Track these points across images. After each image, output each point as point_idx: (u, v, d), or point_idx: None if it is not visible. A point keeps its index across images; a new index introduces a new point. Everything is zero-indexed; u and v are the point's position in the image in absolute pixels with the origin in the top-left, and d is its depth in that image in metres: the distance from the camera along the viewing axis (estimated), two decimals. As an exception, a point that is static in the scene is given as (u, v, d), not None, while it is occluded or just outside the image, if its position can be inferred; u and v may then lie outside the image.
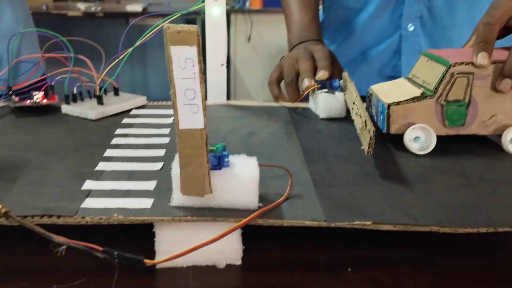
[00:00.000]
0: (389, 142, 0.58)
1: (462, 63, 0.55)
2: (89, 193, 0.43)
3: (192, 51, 0.35)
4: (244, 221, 0.39)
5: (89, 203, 0.42)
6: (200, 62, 0.36)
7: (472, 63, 0.55)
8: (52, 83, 0.68)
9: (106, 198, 0.43)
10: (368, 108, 0.64)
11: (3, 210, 0.39)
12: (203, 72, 0.37)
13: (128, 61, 0.68)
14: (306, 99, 0.74)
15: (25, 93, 0.69)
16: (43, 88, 0.68)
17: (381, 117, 0.57)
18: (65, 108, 0.66)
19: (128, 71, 3.02)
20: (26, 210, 0.40)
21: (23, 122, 0.63)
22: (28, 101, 0.67)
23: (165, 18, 0.67)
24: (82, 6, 2.44)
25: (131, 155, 0.52)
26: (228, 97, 0.73)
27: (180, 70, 0.35)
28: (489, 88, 0.56)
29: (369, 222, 0.40)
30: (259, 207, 0.42)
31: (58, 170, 0.49)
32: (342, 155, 0.55)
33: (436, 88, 0.55)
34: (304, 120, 0.66)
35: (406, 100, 0.56)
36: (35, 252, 0.42)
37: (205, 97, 0.38)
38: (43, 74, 0.68)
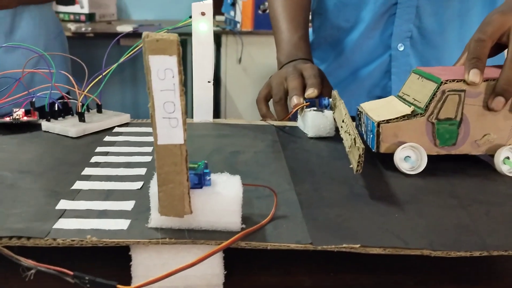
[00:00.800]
0: (378, 161, 0.56)
1: (453, 81, 0.53)
2: (63, 213, 0.41)
3: (172, 61, 0.33)
4: (225, 243, 0.37)
5: (62, 223, 0.39)
6: (181, 73, 0.34)
7: (464, 81, 0.53)
8: (33, 100, 0.66)
9: (81, 218, 0.40)
10: (357, 127, 0.62)
11: (-32, 231, 0.36)
12: (184, 85, 0.35)
13: (118, 81, 0.66)
14: (294, 117, 0.72)
15: (6, 110, 0.67)
16: (23, 105, 0.66)
17: (371, 135, 0.56)
18: (46, 125, 0.64)
19: (119, 90, 3.00)
20: (-6, 231, 0.38)
21: (2, 139, 0.61)
22: (8, 118, 0.64)
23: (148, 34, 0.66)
24: (72, 26, 2.43)
25: (110, 174, 0.50)
26: (218, 117, 0.71)
27: (158, 81, 0.34)
28: (481, 106, 0.54)
29: (358, 245, 0.38)
30: (242, 229, 0.39)
31: (32, 189, 0.46)
32: (330, 174, 0.53)
33: (427, 106, 0.54)
34: (292, 138, 0.65)
35: (397, 118, 0.54)
36: (2, 276, 0.39)
37: (185, 111, 0.36)
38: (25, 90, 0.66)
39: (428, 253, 0.38)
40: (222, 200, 0.39)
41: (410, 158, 0.54)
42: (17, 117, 0.65)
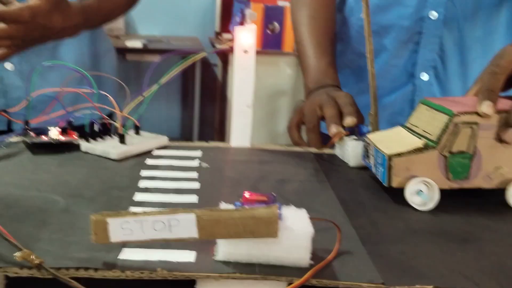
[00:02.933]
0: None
1: (466, 113, 0.52)
2: (125, 243, 0.40)
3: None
4: (299, 281, 0.36)
5: (127, 254, 0.38)
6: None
7: (477, 113, 0.52)
8: (71, 119, 0.66)
9: (145, 249, 0.39)
10: (364, 158, 0.61)
11: (36, 261, 0.35)
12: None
13: (121, 98, 0.66)
14: (325, 142, 0.72)
15: (42, 128, 0.66)
16: (61, 123, 0.65)
17: (381, 169, 0.54)
18: (85, 146, 0.63)
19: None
20: (58, 261, 0.37)
21: (41, 159, 0.60)
22: (45, 137, 0.64)
23: (188, 57, 0.66)
24: (82, 40, 2.44)
25: (163, 200, 0.49)
26: (224, 136, 0.71)
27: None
28: (493, 139, 0.53)
29: (431, 287, 0.37)
30: (311, 265, 0.39)
31: (87, 215, 0.45)
32: (382, 207, 0.52)
33: (439, 139, 0.53)
34: (333, 167, 0.64)
35: (409, 151, 0.53)
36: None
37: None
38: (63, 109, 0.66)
39: (500, 295, 0.38)
40: (294, 236, 0.38)
41: (423, 192, 0.53)
42: (55, 136, 0.64)
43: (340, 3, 0.97)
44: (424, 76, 0.89)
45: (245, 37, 0.66)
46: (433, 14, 0.86)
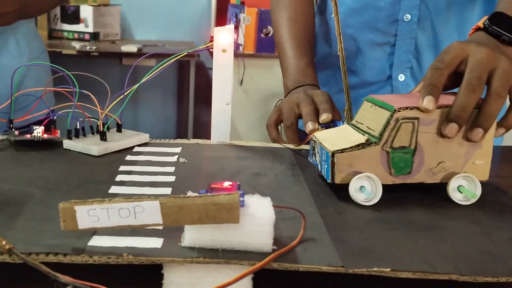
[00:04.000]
0: (400, 188, 0.57)
1: (407, 108, 0.52)
2: (95, 231, 0.42)
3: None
4: (259, 264, 0.38)
5: (97, 241, 0.40)
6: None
7: (418, 108, 0.53)
8: (54, 118, 0.67)
9: (114, 236, 0.41)
10: (311, 157, 0.61)
11: (7, 246, 0.37)
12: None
13: (119, 100, 0.67)
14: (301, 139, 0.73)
15: (26, 127, 0.67)
16: (44, 122, 0.67)
17: (325, 166, 0.55)
18: (67, 143, 0.65)
19: (115, 109, 3.01)
20: (30, 247, 0.39)
21: (24, 156, 0.62)
22: (28, 135, 0.65)
23: (172, 57, 0.68)
24: (77, 45, 2.45)
25: (137, 192, 0.51)
26: None
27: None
28: (435, 134, 0.53)
29: (388, 269, 0.39)
30: (273, 250, 0.40)
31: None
32: (351, 199, 0.54)
33: (381, 135, 0.53)
34: (309, 162, 0.66)
35: (351, 147, 0.53)
36: (37, 292, 0.39)
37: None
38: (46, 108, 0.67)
39: (456, 278, 0.39)
40: (256, 222, 0.40)
41: (365, 188, 0.53)
42: (37, 134, 0.65)
43: (321, 5, 0.99)
44: (401, 77, 0.90)
45: (224, 36, 0.68)
46: (407, 17, 0.87)
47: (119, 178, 0.55)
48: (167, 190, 0.52)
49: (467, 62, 0.55)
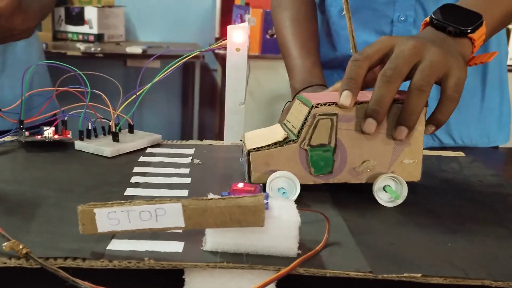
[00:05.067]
0: (422, 190, 0.56)
1: (325, 104, 0.49)
2: (114, 235, 0.40)
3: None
4: (285, 270, 0.36)
5: (115, 245, 0.39)
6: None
7: (336, 104, 0.49)
8: (65, 118, 0.66)
9: (134, 240, 0.39)
10: (241, 158, 0.58)
11: (24, 251, 0.36)
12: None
13: (125, 101, 0.66)
14: None
15: (36, 127, 0.66)
16: (54, 123, 0.65)
17: (245, 165, 0.52)
18: (79, 144, 0.63)
19: (123, 110, 3.00)
20: (47, 251, 0.37)
21: (35, 157, 0.60)
22: (39, 136, 0.64)
23: (183, 56, 0.66)
24: (82, 46, 2.44)
25: (153, 195, 0.49)
26: (222, 140, 0.71)
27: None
28: (357, 131, 0.50)
29: (419, 275, 0.37)
30: (298, 255, 0.39)
31: (76, 208, 0.45)
32: (373, 201, 0.52)
33: (299, 132, 0.50)
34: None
35: (268, 145, 0.50)
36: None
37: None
38: (56, 109, 0.66)
39: (489, 284, 0.38)
40: (281, 225, 0.38)
41: (284, 189, 0.50)
42: (48, 135, 0.64)
43: (321, 5, 0.98)
44: None
45: (237, 35, 0.66)
46: (402, 17, 0.86)
47: (133, 179, 0.54)
48: (184, 192, 0.51)
49: (389, 56, 0.51)
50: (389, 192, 0.51)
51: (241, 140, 0.57)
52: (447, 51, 0.51)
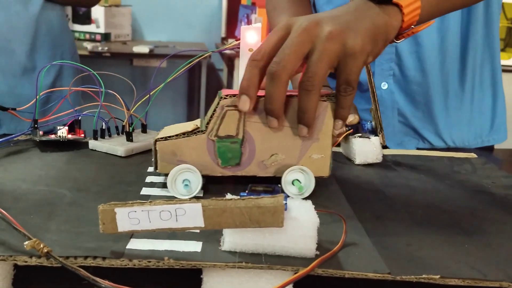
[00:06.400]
0: (437, 192, 0.56)
1: (234, 95, 0.49)
2: (133, 234, 0.40)
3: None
4: (304, 270, 0.36)
5: (135, 244, 0.39)
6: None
7: None
8: (79, 118, 0.66)
9: (152, 239, 0.40)
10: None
11: (45, 250, 0.36)
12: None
13: (129, 101, 0.66)
14: None
15: (50, 126, 0.67)
16: (68, 122, 0.66)
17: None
18: (93, 144, 0.64)
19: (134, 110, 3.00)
20: (67, 250, 0.37)
21: (50, 157, 0.61)
22: (53, 135, 0.64)
23: (196, 57, 0.66)
24: (89, 45, 2.45)
25: (169, 195, 0.50)
26: None
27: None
28: (265, 124, 0.49)
29: (437, 276, 0.37)
30: (316, 255, 0.39)
31: (94, 208, 0.45)
32: (387, 202, 0.52)
33: (208, 123, 0.50)
34: (339, 164, 0.64)
35: (176, 135, 0.50)
36: (74, 296, 0.38)
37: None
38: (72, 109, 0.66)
39: (507, 286, 0.38)
40: (300, 226, 0.38)
41: (189, 181, 0.49)
42: (62, 134, 0.64)
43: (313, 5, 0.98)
44: (384, 85, 0.88)
45: (251, 36, 0.66)
46: None
47: (148, 179, 0.54)
48: (199, 192, 0.51)
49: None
50: (296, 185, 0.50)
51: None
52: (348, 28, 0.46)
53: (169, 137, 0.50)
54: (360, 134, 0.67)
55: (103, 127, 0.65)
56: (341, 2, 0.87)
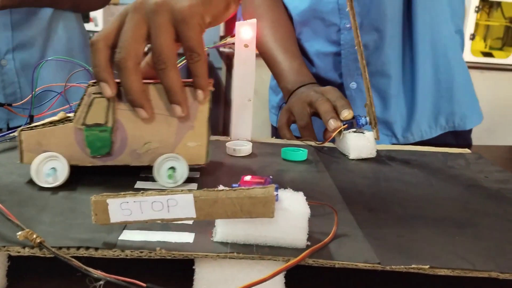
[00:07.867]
0: (430, 185, 0.56)
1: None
2: (126, 225, 0.41)
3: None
4: (295, 260, 0.37)
5: (127, 235, 0.39)
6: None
7: (118, 83, 0.47)
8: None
9: (145, 230, 0.40)
10: None
11: (38, 240, 0.36)
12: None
13: None
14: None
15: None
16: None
17: None
18: (88, 139, 0.64)
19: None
20: (60, 241, 0.38)
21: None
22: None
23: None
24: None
25: (163, 188, 0.50)
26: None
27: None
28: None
29: (427, 266, 0.38)
30: (307, 246, 0.39)
31: (87, 200, 0.46)
32: (380, 195, 0.53)
33: (76, 111, 0.48)
34: (333, 159, 0.65)
35: (43, 124, 0.48)
36: (68, 286, 0.39)
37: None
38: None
39: (496, 276, 0.38)
40: (291, 216, 0.39)
41: (56, 170, 0.48)
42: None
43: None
44: (353, 85, 0.89)
45: (246, 31, 0.67)
46: (348, 25, 0.86)
47: (143, 173, 0.54)
48: (193, 186, 0.51)
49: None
50: (168, 173, 0.50)
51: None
52: None
53: (35, 126, 0.48)
54: (354, 129, 0.67)
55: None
56: None
